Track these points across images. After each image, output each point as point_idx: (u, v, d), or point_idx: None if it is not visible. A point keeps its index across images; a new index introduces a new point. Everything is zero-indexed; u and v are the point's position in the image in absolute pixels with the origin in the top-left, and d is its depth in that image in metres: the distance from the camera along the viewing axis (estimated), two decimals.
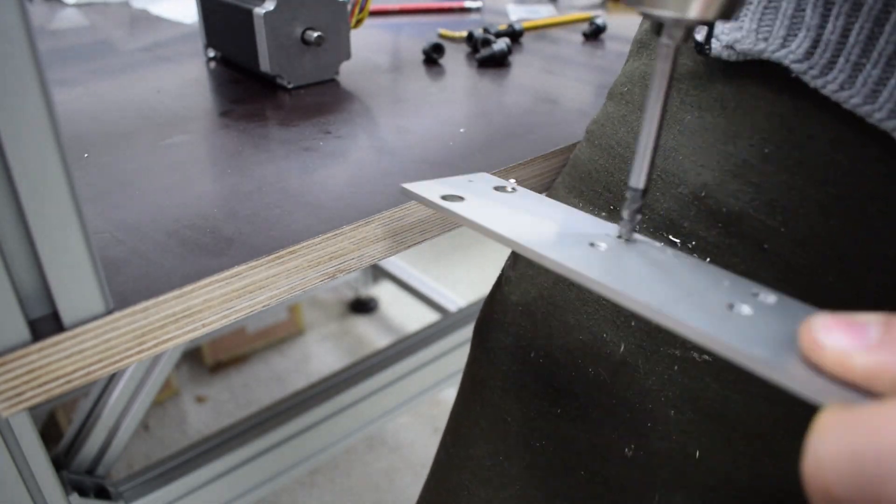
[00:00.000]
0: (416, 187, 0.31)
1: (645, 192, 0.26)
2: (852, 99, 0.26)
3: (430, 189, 0.31)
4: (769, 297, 0.22)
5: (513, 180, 0.35)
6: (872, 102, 0.26)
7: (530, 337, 0.37)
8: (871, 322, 0.16)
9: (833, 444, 0.13)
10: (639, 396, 0.33)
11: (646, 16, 0.23)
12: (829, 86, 0.27)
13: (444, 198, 0.30)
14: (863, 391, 0.16)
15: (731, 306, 0.21)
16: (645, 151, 0.25)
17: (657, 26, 0.24)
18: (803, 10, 0.27)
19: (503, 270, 0.41)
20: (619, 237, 0.27)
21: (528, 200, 0.32)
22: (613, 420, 0.34)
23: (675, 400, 0.32)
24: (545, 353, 0.36)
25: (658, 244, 0.27)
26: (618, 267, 0.25)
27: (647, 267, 0.25)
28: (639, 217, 0.27)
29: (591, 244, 0.27)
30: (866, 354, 0.15)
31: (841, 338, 0.16)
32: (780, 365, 0.17)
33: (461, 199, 0.30)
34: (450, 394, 1.39)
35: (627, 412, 0.33)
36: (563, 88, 0.53)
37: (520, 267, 0.38)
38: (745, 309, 0.21)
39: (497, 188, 0.33)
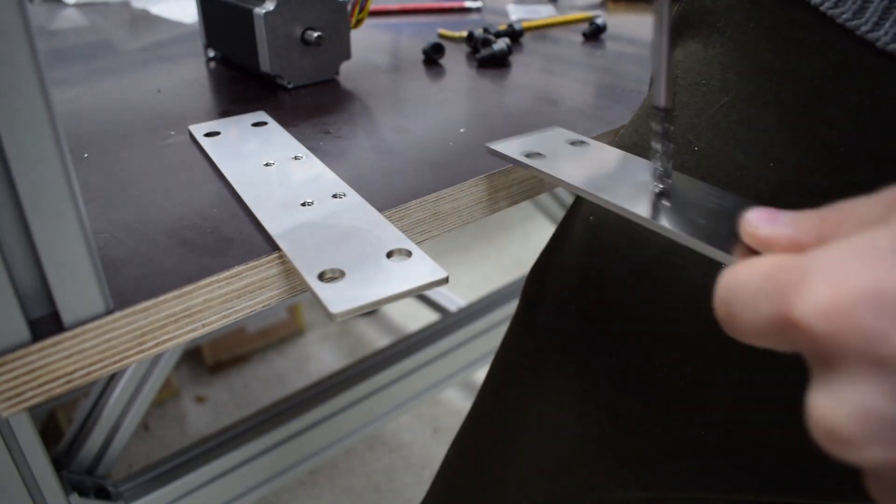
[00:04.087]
0: (500, 146, 0.37)
1: (670, 110, 0.28)
2: (862, 27, 0.28)
3: (512, 147, 0.37)
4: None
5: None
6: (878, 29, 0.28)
7: (600, 322, 0.38)
8: (786, 212, 0.22)
9: (718, 289, 0.20)
10: (706, 374, 0.34)
11: None
12: (843, 15, 0.28)
13: (527, 155, 0.36)
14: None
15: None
16: (663, 70, 0.27)
17: None
18: None
19: (564, 254, 0.42)
20: (657, 171, 0.30)
21: (600, 153, 0.36)
22: (679, 396, 0.35)
23: (737, 383, 0.33)
24: (614, 337, 0.37)
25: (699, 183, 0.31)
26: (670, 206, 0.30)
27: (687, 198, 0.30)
28: (671, 146, 0.29)
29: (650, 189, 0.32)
30: (770, 228, 0.21)
31: (758, 217, 0.22)
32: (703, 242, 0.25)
33: (542, 155, 0.36)
34: (450, 394, 1.39)
35: (693, 388, 0.34)
36: (563, 88, 0.53)
37: (584, 255, 0.39)
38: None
39: (572, 143, 0.38)
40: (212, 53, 0.62)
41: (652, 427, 0.37)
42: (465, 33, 0.66)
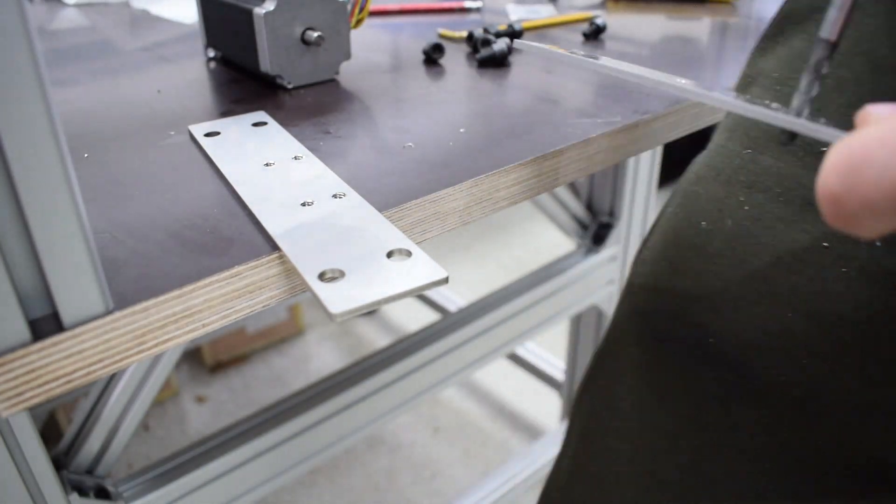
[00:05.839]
0: (526, 45, 0.43)
1: (835, 46, 0.26)
2: None
3: (541, 48, 0.42)
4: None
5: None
6: None
7: (714, 331, 0.37)
8: None
9: (832, 158, 0.19)
10: (822, 382, 0.32)
11: None
12: None
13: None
14: None
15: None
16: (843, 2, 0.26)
17: None
18: None
19: (673, 263, 0.40)
20: (796, 111, 0.28)
21: (613, 62, 0.40)
22: (793, 406, 0.34)
23: (859, 393, 0.32)
24: (727, 346, 0.36)
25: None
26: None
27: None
28: (818, 86, 0.27)
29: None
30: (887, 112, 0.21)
31: (882, 106, 0.21)
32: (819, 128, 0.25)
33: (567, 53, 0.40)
34: (450, 394, 1.39)
35: (812, 398, 0.33)
36: (563, 88, 0.53)
37: (699, 262, 0.38)
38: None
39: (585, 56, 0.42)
40: (212, 53, 0.62)
41: (768, 440, 0.35)
42: (465, 33, 0.66)
